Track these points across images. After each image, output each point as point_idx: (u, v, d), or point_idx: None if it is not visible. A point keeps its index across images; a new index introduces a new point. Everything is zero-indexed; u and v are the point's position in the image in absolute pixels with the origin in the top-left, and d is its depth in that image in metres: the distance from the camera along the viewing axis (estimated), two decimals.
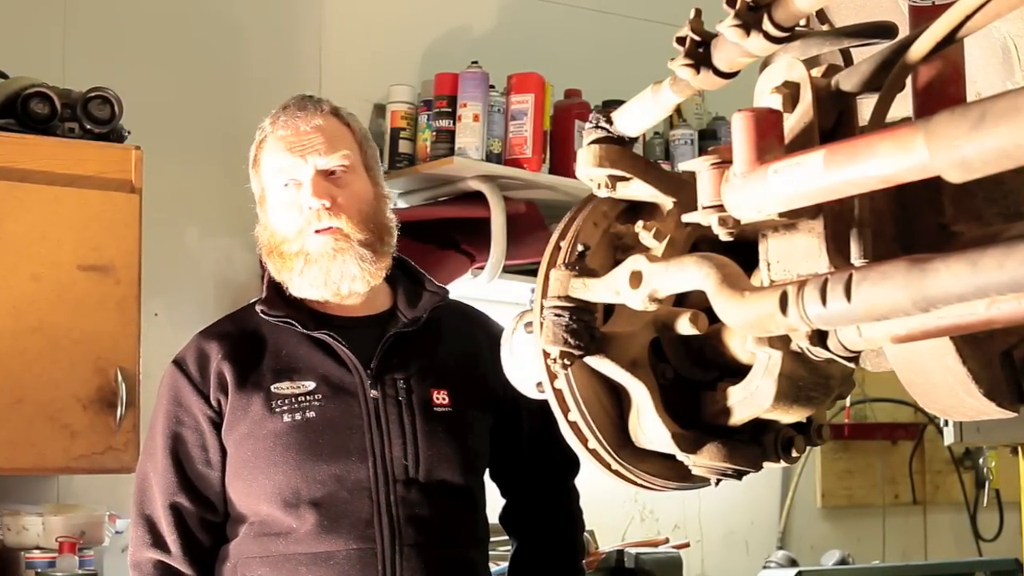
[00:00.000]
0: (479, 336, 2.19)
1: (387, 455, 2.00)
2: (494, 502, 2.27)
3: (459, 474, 2.06)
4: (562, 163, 3.46)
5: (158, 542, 2.03)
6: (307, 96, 2.15)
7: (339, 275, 2.04)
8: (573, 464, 2.25)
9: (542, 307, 1.17)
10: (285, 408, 2.01)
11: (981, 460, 4.60)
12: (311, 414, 2.01)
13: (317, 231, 2.04)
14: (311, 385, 2.03)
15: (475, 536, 2.12)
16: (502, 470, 2.26)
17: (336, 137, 2.09)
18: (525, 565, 2.27)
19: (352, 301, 2.11)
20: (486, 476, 2.21)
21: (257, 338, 2.09)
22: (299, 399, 2.02)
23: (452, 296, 2.26)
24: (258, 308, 2.10)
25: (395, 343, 2.09)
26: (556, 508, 2.28)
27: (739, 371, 1.14)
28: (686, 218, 1.07)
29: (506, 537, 2.37)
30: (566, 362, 1.15)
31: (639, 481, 1.23)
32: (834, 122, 1.01)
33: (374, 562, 1.96)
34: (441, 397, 2.08)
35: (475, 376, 2.13)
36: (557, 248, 1.24)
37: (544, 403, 1.22)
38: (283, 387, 2.03)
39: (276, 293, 2.11)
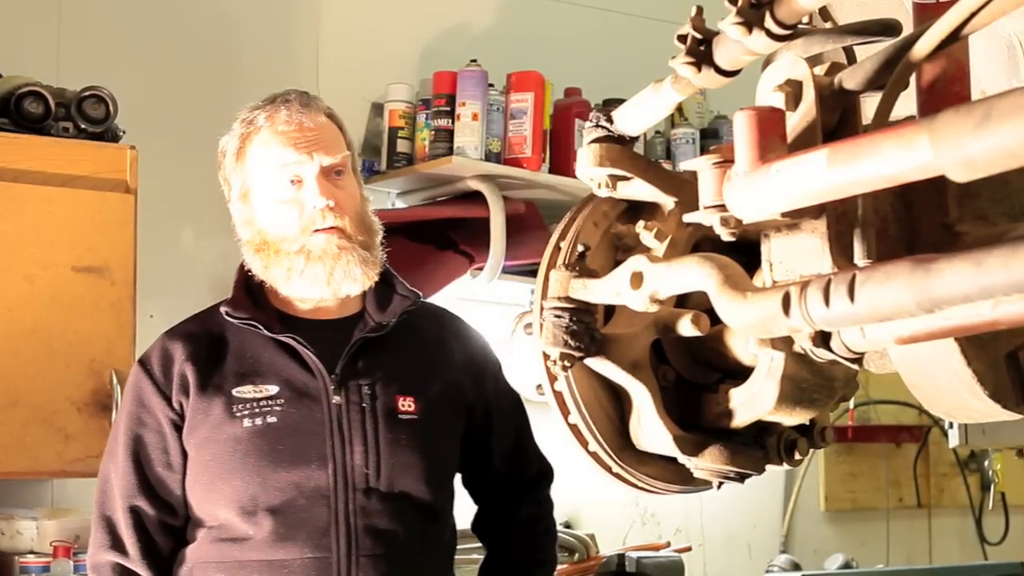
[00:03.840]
0: (451, 341, 2.14)
1: (347, 462, 1.96)
2: (466, 508, 2.22)
3: (423, 483, 2.00)
4: (562, 162, 3.44)
5: (116, 544, 2.00)
6: (304, 92, 2.11)
7: (342, 275, 2.00)
8: (547, 474, 2.23)
9: (542, 308, 1.17)
10: (246, 412, 1.97)
11: (986, 463, 4.59)
12: (272, 419, 1.97)
13: (318, 230, 2.01)
14: (274, 389, 1.99)
15: (437, 546, 2.07)
16: (474, 478, 2.22)
17: (336, 138, 2.07)
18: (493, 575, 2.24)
19: (324, 304, 2.07)
20: (458, 483, 2.16)
21: (221, 340, 2.05)
22: (261, 403, 1.98)
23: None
24: (222, 310, 2.07)
25: (362, 348, 2.04)
26: (528, 519, 2.23)
27: (741, 373, 1.13)
28: (688, 218, 1.07)
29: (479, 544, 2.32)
30: (566, 364, 1.15)
31: (640, 484, 1.23)
32: (837, 121, 1.01)
33: (329, 571, 1.91)
34: (407, 404, 2.02)
35: (445, 383, 2.08)
36: (557, 248, 1.23)
37: (518, 411, 1.21)
38: (245, 391, 1.99)
39: (245, 294, 2.08)
